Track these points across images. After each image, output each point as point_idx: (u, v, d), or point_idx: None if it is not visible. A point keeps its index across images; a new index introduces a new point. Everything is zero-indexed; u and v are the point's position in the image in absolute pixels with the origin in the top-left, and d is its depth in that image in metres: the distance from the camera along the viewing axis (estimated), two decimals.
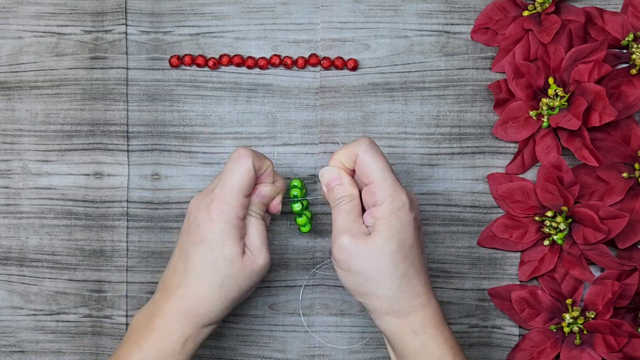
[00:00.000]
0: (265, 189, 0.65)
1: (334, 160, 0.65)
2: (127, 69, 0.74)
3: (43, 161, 0.75)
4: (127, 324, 0.74)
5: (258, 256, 0.64)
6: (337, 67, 0.73)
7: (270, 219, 0.69)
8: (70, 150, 0.74)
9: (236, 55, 0.74)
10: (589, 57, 0.70)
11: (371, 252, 0.62)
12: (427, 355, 0.62)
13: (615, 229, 0.70)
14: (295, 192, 0.70)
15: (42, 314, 0.75)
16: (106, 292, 0.75)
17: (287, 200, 0.70)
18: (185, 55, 0.74)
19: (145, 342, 0.63)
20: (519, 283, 0.74)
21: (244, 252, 0.64)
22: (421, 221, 0.66)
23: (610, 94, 0.71)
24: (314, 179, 0.74)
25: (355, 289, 0.63)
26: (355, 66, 0.73)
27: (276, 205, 0.67)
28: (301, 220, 0.70)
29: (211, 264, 0.63)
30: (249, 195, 0.64)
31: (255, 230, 0.65)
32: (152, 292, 0.67)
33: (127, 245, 0.74)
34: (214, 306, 0.63)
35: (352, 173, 0.65)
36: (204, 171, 0.74)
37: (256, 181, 0.65)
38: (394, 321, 0.63)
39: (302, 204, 0.70)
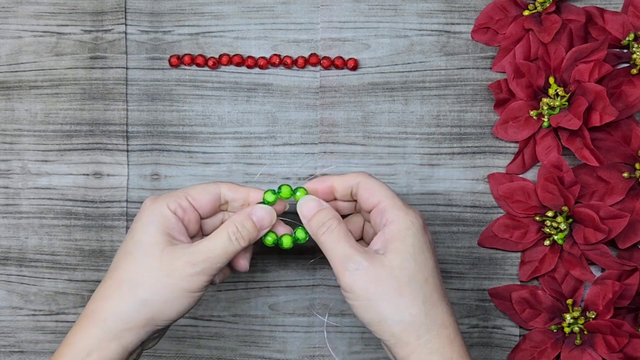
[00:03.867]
0: (260, 208, 0.61)
1: (317, 183, 0.62)
2: (127, 68, 0.74)
3: (42, 161, 0.74)
4: None
5: (189, 255, 0.57)
6: (337, 67, 0.73)
7: (222, 279, 0.63)
8: (69, 150, 0.74)
9: (236, 55, 0.73)
10: (590, 57, 0.70)
11: (389, 273, 0.55)
12: None
13: (615, 229, 0.70)
14: (268, 197, 0.62)
15: (42, 314, 0.75)
16: None
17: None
18: (185, 55, 0.74)
19: (57, 356, 0.58)
20: (519, 283, 0.74)
21: (170, 245, 0.58)
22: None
23: (610, 93, 0.71)
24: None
25: (372, 319, 0.56)
26: (355, 66, 0.73)
27: (244, 263, 0.62)
28: (287, 241, 0.64)
29: (125, 255, 0.58)
30: (204, 210, 0.60)
31: (216, 236, 0.58)
32: None
33: None
34: (122, 304, 0.57)
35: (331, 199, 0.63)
36: (204, 171, 0.74)
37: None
38: (419, 356, 0.56)
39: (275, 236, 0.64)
